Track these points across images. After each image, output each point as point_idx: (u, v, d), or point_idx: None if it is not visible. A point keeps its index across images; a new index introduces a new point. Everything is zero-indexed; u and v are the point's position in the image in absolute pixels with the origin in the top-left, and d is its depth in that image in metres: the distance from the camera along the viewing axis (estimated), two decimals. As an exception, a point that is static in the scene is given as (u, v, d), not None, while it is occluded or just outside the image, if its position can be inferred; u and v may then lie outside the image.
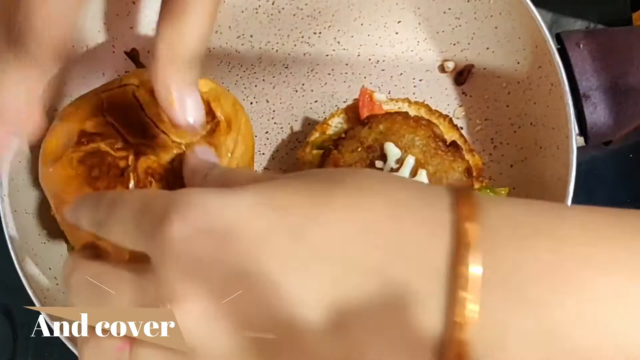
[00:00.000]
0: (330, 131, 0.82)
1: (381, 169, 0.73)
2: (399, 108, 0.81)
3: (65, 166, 0.68)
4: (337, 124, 0.82)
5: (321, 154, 0.77)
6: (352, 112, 0.82)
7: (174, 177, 0.68)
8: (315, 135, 0.82)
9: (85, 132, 0.68)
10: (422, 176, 0.72)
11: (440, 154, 0.73)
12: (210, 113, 0.71)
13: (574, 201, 0.76)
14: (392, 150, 0.73)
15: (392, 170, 0.73)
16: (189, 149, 0.68)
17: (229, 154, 0.70)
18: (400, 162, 0.73)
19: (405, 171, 0.72)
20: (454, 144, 0.75)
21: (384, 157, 0.73)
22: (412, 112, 0.80)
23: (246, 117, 0.75)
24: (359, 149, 0.74)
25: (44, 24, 0.46)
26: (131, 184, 0.66)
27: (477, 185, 0.77)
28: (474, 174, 0.77)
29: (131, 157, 0.67)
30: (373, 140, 0.74)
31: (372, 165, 0.73)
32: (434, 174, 0.73)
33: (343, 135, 0.76)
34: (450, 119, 0.81)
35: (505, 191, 0.79)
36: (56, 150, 0.69)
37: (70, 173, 0.67)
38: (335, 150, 0.75)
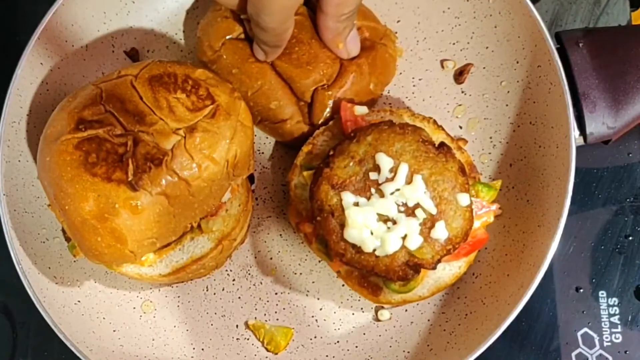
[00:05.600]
0: (316, 150, 0.80)
1: (376, 180, 0.72)
2: (382, 117, 0.79)
3: (62, 151, 0.69)
4: (322, 142, 0.80)
5: (312, 173, 0.76)
6: (337, 128, 0.80)
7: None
8: (303, 156, 0.80)
9: (83, 120, 0.70)
10: (418, 181, 0.71)
11: (432, 157, 0.72)
12: (209, 97, 0.73)
13: (573, 200, 0.76)
14: (384, 160, 0.72)
15: (387, 179, 0.72)
16: (188, 134, 0.70)
17: (228, 140, 0.71)
18: (394, 170, 0.72)
19: (401, 179, 0.71)
20: (443, 145, 0.74)
21: (377, 169, 0.72)
22: (395, 119, 0.78)
23: (244, 105, 0.75)
24: (351, 164, 0.73)
25: None
26: (130, 170, 0.67)
27: (470, 182, 0.77)
28: (467, 170, 0.76)
29: (130, 144, 0.68)
30: (363, 153, 0.73)
31: (366, 178, 0.72)
32: (429, 178, 0.72)
33: (332, 153, 0.74)
34: (435, 121, 0.80)
35: (498, 184, 0.79)
36: (54, 138, 0.70)
37: (66, 158, 0.68)
38: (327, 168, 0.73)
